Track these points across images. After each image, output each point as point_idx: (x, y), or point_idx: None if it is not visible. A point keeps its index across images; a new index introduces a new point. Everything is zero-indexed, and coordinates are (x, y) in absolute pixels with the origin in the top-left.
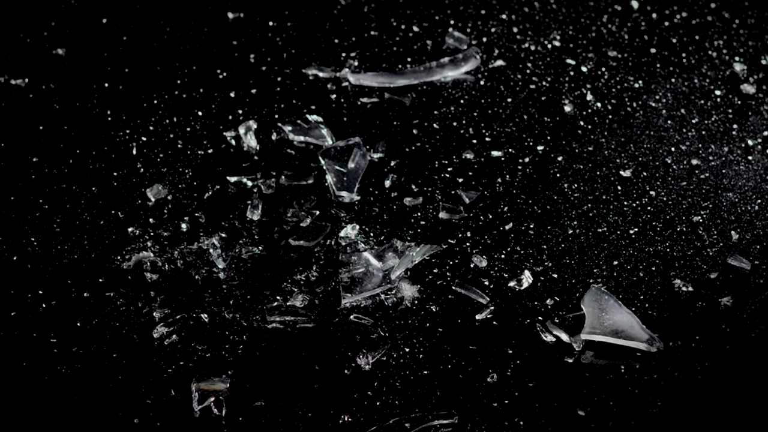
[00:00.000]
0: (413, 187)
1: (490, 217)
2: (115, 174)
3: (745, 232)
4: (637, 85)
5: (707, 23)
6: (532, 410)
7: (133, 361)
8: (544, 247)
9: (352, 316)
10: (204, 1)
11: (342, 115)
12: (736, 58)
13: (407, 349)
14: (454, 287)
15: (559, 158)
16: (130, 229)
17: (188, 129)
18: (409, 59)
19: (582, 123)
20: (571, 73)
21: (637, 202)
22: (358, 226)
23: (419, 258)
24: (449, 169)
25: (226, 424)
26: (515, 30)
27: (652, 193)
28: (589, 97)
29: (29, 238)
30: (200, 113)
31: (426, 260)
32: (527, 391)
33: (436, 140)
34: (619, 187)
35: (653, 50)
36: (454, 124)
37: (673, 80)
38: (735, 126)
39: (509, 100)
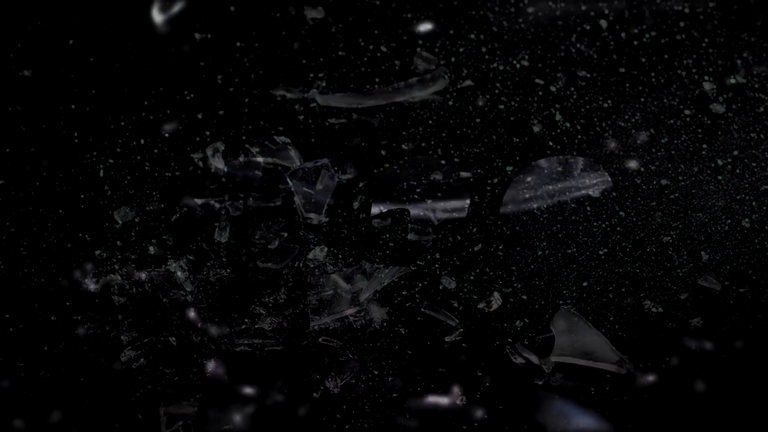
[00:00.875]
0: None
1: (459, 238)
2: (82, 196)
3: (715, 253)
4: (606, 105)
5: (676, 42)
6: None
7: (100, 384)
8: (514, 268)
9: (320, 339)
10: (170, 22)
11: (310, 136)
12: (706, 78)
13: (376, 372)
14: (423, 309)
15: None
16: (97, 252)
17: (155, 151)
18: (377, 80)
19: (551, 143)
20: (540, 93)
21: (607, 223)
22: (326, 248)
23: (388, 280)
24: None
25: None
26: (484, 50)
27: (622, 213)
28: (558, 117)
29: None
30: (167, 135)
31: (395, 282)
32: (497, 414)
33: (404, 161)
34: (588, 208)
35: (622, 70)
36: (423, 144)
37: (642, 100)
38: (704, 146)
39: (478, 120)
